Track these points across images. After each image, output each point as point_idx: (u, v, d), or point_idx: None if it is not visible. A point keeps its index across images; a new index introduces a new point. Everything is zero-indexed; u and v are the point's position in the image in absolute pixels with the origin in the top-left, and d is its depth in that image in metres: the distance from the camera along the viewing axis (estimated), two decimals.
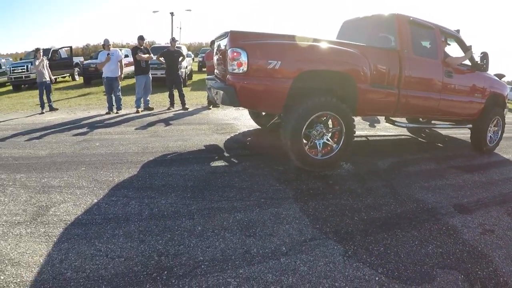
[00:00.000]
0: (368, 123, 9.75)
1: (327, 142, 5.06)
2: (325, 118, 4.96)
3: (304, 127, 4.70)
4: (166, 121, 8.00)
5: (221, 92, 4.65)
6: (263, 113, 7.19)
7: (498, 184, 5.53)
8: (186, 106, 10.13)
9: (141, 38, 9.73)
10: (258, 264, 2.81)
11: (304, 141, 4.82)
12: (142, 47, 9.64)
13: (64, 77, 20.23)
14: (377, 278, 2.80)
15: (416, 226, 3.74)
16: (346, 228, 3.51)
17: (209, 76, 6.54)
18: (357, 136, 5.38)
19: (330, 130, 5.06)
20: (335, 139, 5.11)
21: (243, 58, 4.37)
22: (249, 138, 6.77)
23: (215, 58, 6.01)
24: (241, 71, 4.43)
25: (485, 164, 6.76)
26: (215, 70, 6.33)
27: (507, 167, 6.73)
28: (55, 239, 2.96)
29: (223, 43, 5.00)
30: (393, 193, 4.56)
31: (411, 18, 5.86)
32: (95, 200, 3.66)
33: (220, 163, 5.10)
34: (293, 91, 4.63)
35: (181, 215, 3.46)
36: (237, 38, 4.52)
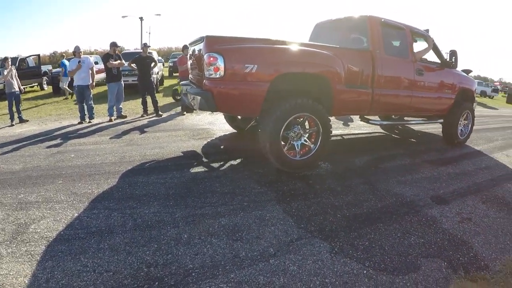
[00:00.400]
0: (342, 122, 9.91)
1: (305, 142, 5.11)
2: (302, 119, 5.02)
3: (282, 129, 4.72)
4: (141, 129, 7.90)
5: (198, 97, 4.61)
6: (239, 117, 7.19)
7: (472, 174, 5.75)
8: (160, 113, 10.02)
9: (113, 45, 9.58)
10: (248, 267, 2.82)
11: (282, 142, 4.84)
12: (114, 53, 9.49)
13: (32, 86, 19.48)
14: (365, 272, 2.88)
15: (397, 219, 3.85)
16: (330, 226, 3.57)
17: (184, 82, 6.49)
18: (333, 136, 5.44)
19: (307, 131, 5.11)
20: (313, 140, 5.16)
21: (220, 63, 4.35)
22: (227, 143, 6.77)
23: (189, 62, 5.99)
24: (218, 76, 4.41)
25: (457, 156, 6.98)
26: (190, 75, 6.31)
27: (479, 158, 6.99)
28: (39, 258, 2.86)
29: (198, 48, 4.99)
30: (372, 189, 4.66)
31: (383, 20, 6.00)
32: (76, 214, 3.56)
33: (199, 169, 5.07)
34: (270, 94, 4.65)
35: (165, 223, 3.42)
36: (213, 43, 4.51)
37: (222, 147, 6.44)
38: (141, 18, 38.52)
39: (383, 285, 2.74)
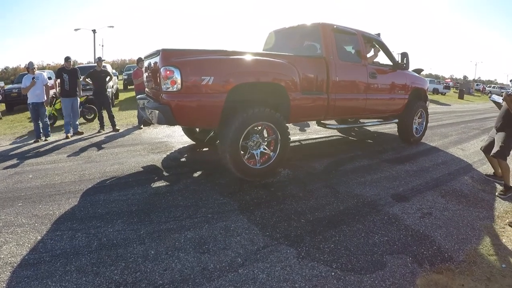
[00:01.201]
0: (299, 128, 10.02)
1: (264, 151, 5.14)
2: (260, 128, 5.05)
3: (241, 139, 4.74)
4: (99, 145, 7.71)
5: (157, 111, 4.55)
6: (198, 129, 7.16)
7: (429, 170, 5.96)
8: (117, 128, 9.80)
9: (67, 59, 9.28)
10: (218, 278, 2.82)
11: (242, 152, 4.86)
12: (68, 68, 9.23)
13: None
14: (333, 273, 2.93)
15: (360, 220, 3.93)
16: (295, 231, 3.60)
17: (140, 95, 6.39)
18: (291, 142, 5.50)
19: (266, 139, 5.15)
20: (272, 147, 5.21)
21: (177, 76, 4.33)
22: (186, 155, 6.71)
23: (145, 76, 5.93)
24: (175, 89, 4.39)
25: (414, 153, 7.21)
26: (146, 89, 6.24)
27: (435, 154, 7.26)
28: (4, 285, 2.75)
29: (154, 61, 4.94)
30: (334, 192, 4.74)
31: (335, 26, 6.13)
32: (39, 237, 3.44)
33: (161, 183, 5.00)
34: (228, 105, 4.67)
35: (131, 241, 3.36)
36: (169, 56, 4.46)
37: (182, 160, 6.37)
38: (93, 31, 37.81)
39: (351, 285, 2.80)
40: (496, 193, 5.13)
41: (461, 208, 4.45)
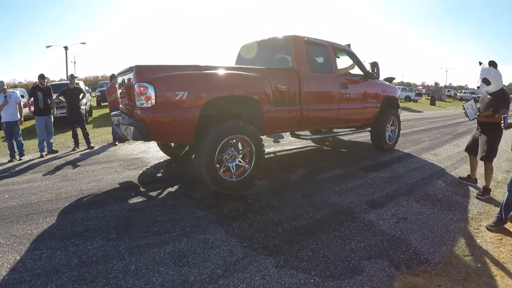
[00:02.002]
0: (273, 139, 10.12)
1: (240, 163, 5.19)
2: (234, 141, 5.10)
3: (216, 152, 4.79)
4: (74, 163, 7.62)
5: (132, 128, 4.55)
6: (173, 144, 7.18)
7: (403, 176, 6.11)
8: (92, 145, 9.67)
9: (41, 77, 9.15)
10: None
11: (218, 165, 4.90)
12: (43, 86, 9.13)
13: None
14: (312, 280, 2.98)
15: (337, 227, 4.00)
16: (273, 241, 3.65)
17: (115, 112, 6.36)
18: (266, 154, 5.59)
19: (241, 152, 5.20)
20: (247, 160, 5.25)
21: (151, 92, 4.35)
22: (162, 170, 6.70)
23: (119, 92, 5.92)
24: (149, 105, 4.41)
25: (388, 161, 7.37)
26: (120, 105, 6.24)
27: (408, 160, 7.44)
28: None
29: (128, 77, 4.95)
30: (310, 201, 4.81)
31: (306, 38, 6.25)
32: (18, 257, 3.40)
33: (138, 199, 4.98)
34: (202, 119, 4.70)
35: (111, 257, 3.35)
36: (142, 73, 4.48)
37: (158, 175, 6.37)
38: (65, 48, 37.36)
39: None
40: (475, 194, 5.29)
41: (436, 212, 4.57)
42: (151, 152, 8.47)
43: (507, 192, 4.12)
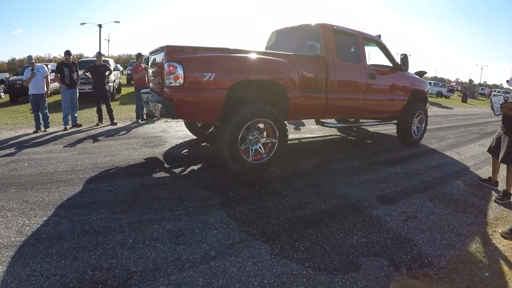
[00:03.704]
0: (294, 126, 10.05)
1: (260, 150, 5.25)
2: (262, 126, 5.20)
3: (240, 134, 4.88)
4: (95, 137, 7.78)
5: (159, 105, 4.72)
6: (199, 124, 7.28)
7: (420, 173, 5.92)
8: (115, 121, 9.88)
9: (67, 54, 9.41)
10: (189, 269, 2.85)
11: (243, 148, 5.02)
12: (68, 62, 9.33)
13: None
14: (304, 272, 2.92)
15: (341, 220, 3.91)
16: (273, 228, 3.61)
17: (144, 90, 6.56)
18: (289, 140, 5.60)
19: (264, 139, 5.28)
20: (267, 150, 5.31)
21: (179, 72, 4.48)
22: (178, 149, 6.74)
23: (151, 71, 6.03)
24: (177, 84, 4.53)
25: (407, 156, 7.19)
26: (150, 84, 6.37)
27: (429, 157, 7.22)
28: None
29: (159, 57, 5.08)
30: (318, 191, 4.73)
31: (335, 27, 6.20)
32: (27, 221, 3.53)
33: (148, 176, 5.04)
34: (228, 101, 4.80)
35: (112, 229, 3.42)
36: (173, 53, 4.61)
37: (173, 154, 6.41)
38: (99, 25, 38.06)
39: (321, 284, 2.79)
40: (493, 198, 5.06)
41: (449, 213, 4.39)
42: (170, 132, 8.58)
43: None
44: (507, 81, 5.03)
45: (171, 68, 4.51)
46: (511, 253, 3.59)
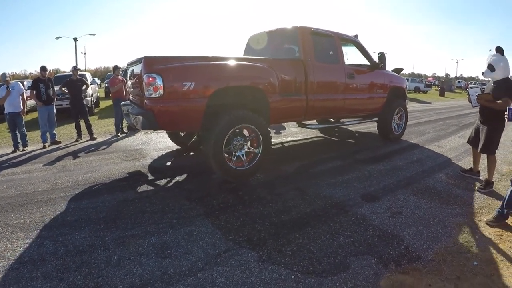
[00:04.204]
0: (274, 130, 10.03)
1: (249, 150, 5.28)
2: (240, 130, 5.17)
3: (224, 141, 4.88)
4: (75, 154, 7.67)
5: (140, 117, 4.70)
6: (182, 134, 7.25)
7: (403, 169, 5.97)
8: (94, 136, 9.73)
9: (43, 69, 9.28)
10: (177, 283, 2.81)
11: (227, 155, 5.02)
12: (44, 78, 9.19)
13: None
14: (293, 276, 2.90)
15: (326, 221, 3.91)
16: (258, 235, 3.59)
17: (124, 102, 6.50)
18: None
19: (247, 138, 5.26)
20: (255, 144, 5.33)
21: (159, 82, 4.47)
22: (159, 162, 6.71)
23: (130, 82, 5.99)
24: (157, 95, 4.52)
25: (389, 152, 7.24)
26: (130, 96, 6.35)
27: (410, 152, 7.30)
28: None
29: (137, 68, 5.08)
30: (302, 194, 4.73)
31: (313, 29, 6.27)
32: (9, 245, 3.46)
33: (130, 190, 4.98)
34: (209, 109, 4.79)
35: (96, 247, 3.37)
36: (151, 63, 4.62)
37: (154, 166, 6.37)
38: (75, 39, 37.88)
39: (311, 287, 2.77)
40: (476, 188, 5.13)
41: (433, 206, 4.43)
42: (151, 144, 8.52)
43: (511, 186, 3.95)
44: (482, 73, 5.08)
45: (150, 79, 4.49)
46: (497, 240, 3.64)
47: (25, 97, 8.99)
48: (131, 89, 5.99)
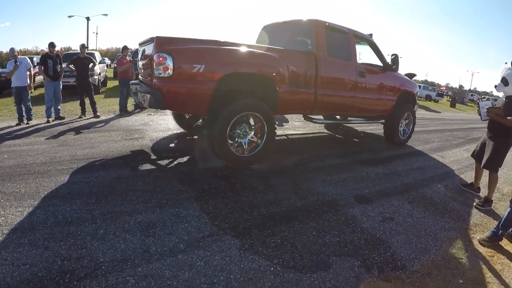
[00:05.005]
0: (277, 122, 9.94)
1: (252, 139, 5.30)
2: (247, 118, 5.20)
3: (229, 127, 4.90)
4: (77, 130, 7.74)
5: (148, 95, 4.76)
6: (187, 116, 7.28)
7: (401, 175, 5.89)
8: (98, 114, 9.83)
9: (51, 45, 9.35)
10: (156, 261, 2.83)
11: (230, 141, 5.03)
12: (53, 54, 9.29)
13: None
14: (272, 269, 2.89)
15: (315, 218, 3.87)
16: (244, 224, 3.57)
17: (133, 81, 6.55)
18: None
19: (252, 127, 5.29)
20: (259, 135, 5.34)
21: (169, 63, 4.49)
22: (157, 143, 6.72)
23: (141, 63, 6.00)
24: (167, 75, 4.55)
25: (391, 156, 7.17)
26: (140, 76, 6.34)
27: (412, 159, 7.21)
28: None
29: (148, 48, 5.10)
30: (295, 188, 4.69)
31: (327, 24, 6.23)
32: (2, 212, 3.51)
33: (125, 168, 5.00)
34: (217, 93, 4.79)
35: (84, 220, 3.40)
36: (162, 44, 4.65)
37: (152, 147, 6.39)
38: (87, 18, 38.06)
39: (289, 282, 2.76)
40: (474, 204, 5.04)
41: (427, 216, 4.37)
42: (153, 125, 8.57)
43: (509, 207, 3.86)
44: (495, 86, 4.94)
45: (161, 59, 4.52)
46: (488, 261, 3.58)
47: (32, 72, 9.12)
48: (142, 70, 5.99)
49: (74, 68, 9.88)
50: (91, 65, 10.12)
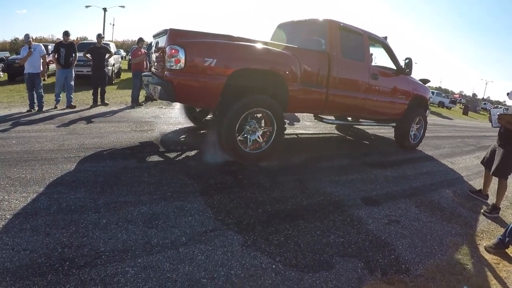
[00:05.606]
0: (288, 121, 9.94)
1: (258, 139, 5.26)
2: (259, 116, 5.19)
3: (238, 122, 4.89)
4: (87, 119, 7.78)
5: (159, 87, 4.79)
6: (197, 110, 7.29)
7: (410, 178, 5.83)
8: (106, 102, 9.97)
9: (65, 34, 9.45)
10: (157, 253, 2.81)
11: (239, 137, 5.03)
12: (66, 42, 9.38)
13: None
14: (273, 266, 2.85)
15: (320, 218, 3.83)
16: (249, 220, 3.54)
17: (145, 73, 6.60)
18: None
19: (262, 128, 5.27)
20: (265, 138, 5.32)
21: (181, 55, 4.50)
22: (166, 136, 6.72)
23: (154, 56, 6.01)
24: (178, 68, 4.56)
25: (400, 160, 7.11)
26: (153, 68, 6.33)
27: (422, 163, 7.13)
28: None
29: (162, 40, 5.10)
30: (302, 187, 4.65)
31: (342, 24, 6.19)
32: (6, 197, 3.51)
33: (132, 159, 5.01)
34: (228, 88, 4.79)
35: (87, 209, 3.39)
36: (175, 36, 4.66)
37: (161, 139, 6.39)
38: (104, 9, 38.38)
39: (290, 281, 2.72)
40: (482, 211, 4.97)
41: (434, 221, 4.31)
42: (163, 118, 8.58)
43: None
44: (508, 94, 4.90)
45: (173, 51, 4.53)
46: (492, 268, 3.52)
47: (46, 59, 9.16)
48: (155, 62, 5.99)
49: (90, 58, 9.96)
50: (107, 55, 10.24)
